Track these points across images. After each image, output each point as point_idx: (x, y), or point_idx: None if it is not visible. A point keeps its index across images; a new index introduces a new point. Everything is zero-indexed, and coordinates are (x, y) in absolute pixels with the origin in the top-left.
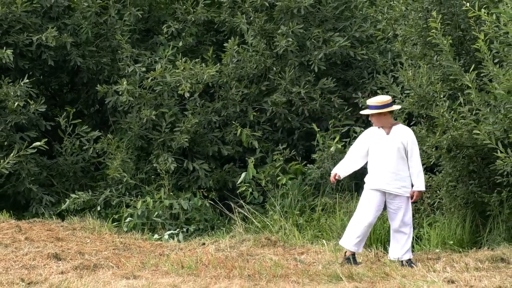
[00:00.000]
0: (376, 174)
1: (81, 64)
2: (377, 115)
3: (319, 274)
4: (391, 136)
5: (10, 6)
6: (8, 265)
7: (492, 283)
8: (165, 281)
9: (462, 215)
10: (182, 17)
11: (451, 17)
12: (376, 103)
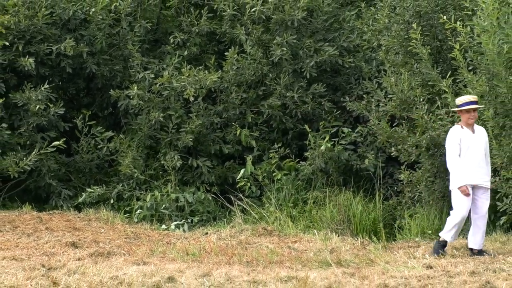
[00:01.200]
0: (468, 170)
1: (96, 71)
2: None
3: (311, 261)
4: (477, 135)
5: (32, 18)
6: (30, 252)
7: (467, 268)
8: (171, 266)
9: (440, 207)
10: (187, 28)
11: (430, 29)
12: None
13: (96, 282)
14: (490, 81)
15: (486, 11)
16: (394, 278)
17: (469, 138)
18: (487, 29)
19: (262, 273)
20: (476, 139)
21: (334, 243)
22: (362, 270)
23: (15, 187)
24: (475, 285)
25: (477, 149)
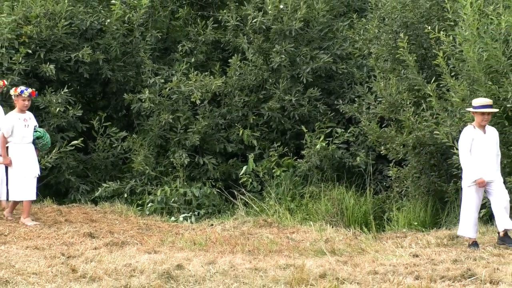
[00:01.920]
0: (480, 168)
1: (111, 76)
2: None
3: (307, 250)
4: (488, 135)
5: (53, 29)
6: (51, 242)
7: (450, 256)
8: (180, 255)
9: (425, 201)
10: (194, 38)
11: (416, 38)
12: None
13: (111, 269)
14: (470, 86)
15: (467, 22)
16: (383, 266)
17: (480, 138)
18: (468, 38)
19: (263, 261)
20: (487, 139)
21: (329, 233)
22: (354, 259)
23: (37, 182)
24: (457, 272)
25: (488, 148)
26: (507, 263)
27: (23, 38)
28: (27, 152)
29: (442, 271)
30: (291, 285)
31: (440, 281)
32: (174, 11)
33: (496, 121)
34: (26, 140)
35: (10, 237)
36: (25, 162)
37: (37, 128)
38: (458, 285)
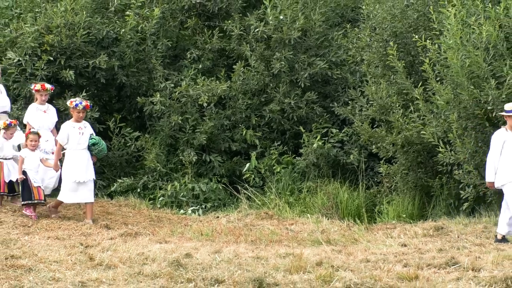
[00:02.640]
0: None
1: (125, 81)
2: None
3: (305, 240)
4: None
5: (72, 38)
6: (70, 233)
7: (435, 246)
8: (188, 245)
9: (412, 195)
10: (201, 46)
11: (404, 46)
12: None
13: (126, 258)
14: (454, 90)
15: (451, 32)
16: (374, 254)
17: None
18: (452, 46)
19: (264, 250)
20: None
21: (324, 225)
22: (347, 248)
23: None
24: (442, 260)
25: None
26: (488, 252)
27: (45, 47)
28: (81, 158)
29: (428, 259)
30: (290, 272)
31: (426, 268)
32: (183, 21)
33: (478, 122)
34: (80, 146)
35: (33, 228)
36: (77, 167)
37: (93, 136)
38: (443, 272)
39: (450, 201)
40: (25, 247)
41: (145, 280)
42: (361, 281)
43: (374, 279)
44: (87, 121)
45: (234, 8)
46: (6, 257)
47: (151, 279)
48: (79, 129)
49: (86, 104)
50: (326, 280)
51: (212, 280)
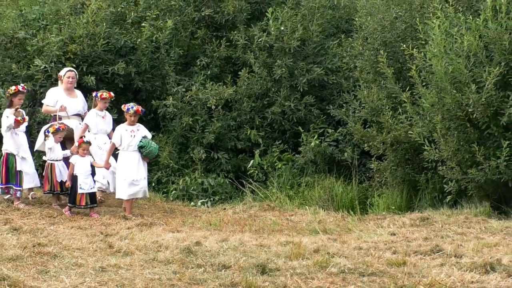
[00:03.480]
0: None
1: (141, 86)
2: None
3: (303, 229)
4: None
5: (93, 47)
6: (91, 223)
7: (421, 235)
8: (198, 234)
9: (401, 189)
10: (210, 54)
11: (393, 54)
12: None
13: (141, 246)
14: (438, 94)
15: (435, 41)
16: (366, 242)
17: None
18: (436, 54)
19: (267, 239)
20: None
21: (321, 216)
22: (342, 236)
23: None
24: (428, 247)
25: None
26: (469, 240)
27: (69, 55)
28: (132, 158)
29: (415, 247)
30: (290, 259)
31: (413, 255)
32: (193, 32)
33: (460, 123)
34: (131, 148)
35: (58, 219)
36: (129, 166)
37: (143, 139)
38: (428, 258)
39: (434, 194)
40: (50, 235)
41: (159, 266)
42: (354, 266)
43: (366, 265)
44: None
45: (239, 20)
46: (33, 244)
47: (165, 265)
48: (131, 132)
49: (137, 109)
50: (322, 266)
51: (219, 266)
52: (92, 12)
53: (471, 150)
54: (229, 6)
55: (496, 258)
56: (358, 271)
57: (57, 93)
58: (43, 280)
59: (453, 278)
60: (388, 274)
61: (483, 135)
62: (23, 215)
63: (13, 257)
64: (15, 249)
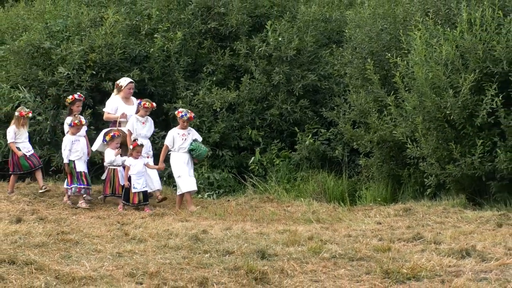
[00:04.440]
0: None
1: (154, 91)
2: None
3: (299, 219)
4: None
5: (111, 55)
6: (109, 213)
7: (404, 224)
8: (205, 223)
9: (386, 183)
10: (215, 62)
11: (379, 62)
12: None
13: (154, 233)
14: (420, 97)
15: (417, 51)
16: (355, 230)
17: None
18: (417, 62)
19: (266, 227)
20: None
21: (315, 207)
22: (333, 225)
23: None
24: (410, 235)
25: None
26: (447, 229)
27: (89, 63)
28: (183, 158)
29: (399, 234)
30: (287, 245)
31: (397, 242)
32: (200, 42)
33: (438, 124)
34: (182, 150)
35: (79, 210)
36: (180, 164)
37: (193, 143)
38: (411, 245)
39: (416, 187)
40: (73, 224)
41: (170, 252)
42: (344, 252)
43: (355, 251)
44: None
45: (241, 32)
46: (57, 232)
47: (175, 251)
48: (183, 135)
49: (190, 116)
50: (316, 252)
51: (224, 252)
52: (110, 25)
53: (448, 148)
54: (232, 20)
55: (471, 244)
56: (348, 256)
57: (116, 101)
58: (66, 264)
59: (433, 262)
60: (374, 259)
61: (459, 135)
62: (48, 206)
63: (39, 243)
64: (41, 237)
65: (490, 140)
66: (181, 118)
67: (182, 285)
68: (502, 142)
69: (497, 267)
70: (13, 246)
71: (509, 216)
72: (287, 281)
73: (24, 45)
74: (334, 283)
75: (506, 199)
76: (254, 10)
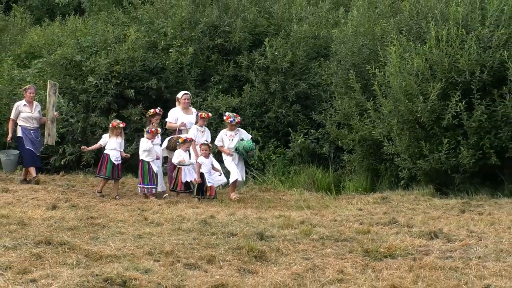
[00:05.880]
0: None
1: (169, 97)
2: None
3: (292, 206)
4: None
5: (133, 67)
6: (131, 201)
7: (381, 210)
8: (212, 209)
9: (366, 175)
10: (221, 73)
11: (360, 73)
12: None
13: (169, 218)
14: (395, 103)
15: (392, 63)
16: (340, 216)
17: None
18: (393, 73)
19: (265, 213)
20: None
21: (305, 196)
22: (321, 211)
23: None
24: (386, 220)
25: None
26: (418, 214)
27: (114, 73)
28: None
29: (377, 219)
30: (282, 228)
31: (375, 225)
32: (208, 56)
33: (410, 125)
34: (230, 149)
35: (106, 198)
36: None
37: (238, 142)
38: (387, 228)
39: (391, 179)
40: (100, 211)
41: (183, 234)
42: (330, 234)
43: (340, 233)
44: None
45: (243, 47)
46: (87, 217)
47: (187, 233)
48: (230, 136)
49: (238, 120)
50: (307, 234)
51: (228, 234)
52: (132, 41)
53: (419, 146)
54: (236, 37)
55: (439, 228)
56: (333, 238)
57: (176, 112)
58: (94, 245)
59: (406, 243)
60: (356, 240)
61: (428, 134)
62: (79, 195)
63: (71, 227)
64: (73, 221)
65: (455, 139)
66: (230, 123)
67: (193, 262)
68: (464, 141)
69: (460, 247)
70: (49, 229)
71: (471, 204)
72: (282, 258)
73: (59, 58)
74: (322, 260)
75: (468, 189)
76: (254, 28)
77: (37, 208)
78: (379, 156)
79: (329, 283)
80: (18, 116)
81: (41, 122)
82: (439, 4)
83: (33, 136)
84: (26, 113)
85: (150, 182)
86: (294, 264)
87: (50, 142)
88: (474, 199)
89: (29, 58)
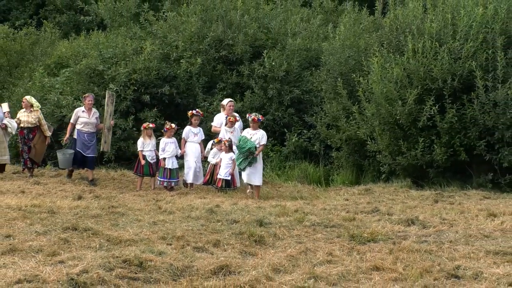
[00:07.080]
0: None
1: (180, 102)
2: None
3: (287, 196)
4: None
5: (148, 76)
6: (147, 193)
7: (366, 200)
8: (218, 199)
9: (352, 170)
10: (225, 80)
11: (347, 81)
12: None
13: (180, 207)
14: (377, 107)
15: (375, 72)
16: (329, 205)
17: None
18: (375, 81)
19: (263, 203)
20: None
21: (299, 188)
22: (313, 201)
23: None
24: (369, 209)
25: None
26: (397, 204)
27: (132, 81)
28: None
29: (361, 208)
30: (278, 216)
31: (360, 213)
32: (214, 66)
33: (390, 126)
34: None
35: (125, 190)
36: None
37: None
38: (370, 216)
39: (374, 173)
40: (120, 201)
41: (192, 221)
42: (321, 221)
43: (329, 220)
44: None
45: (245, 58)
46: (108, 206)
47: (195, 220)
48: (250, 134)
49: (254, 118)
50: (300, 221)
51: (231, 221)
52: (147, 53)
53: (398, 144)
54: (238, 49)
55: (415, 215)
56: (323, 224)
57: (221, 117)
58: (115, 231)
59: (387, 229)
60: (343, 226)
61: (406, 134)
62: (102, 188)
63: (95, 215)
64: (96, 210)
65: (429, 138)
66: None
67: (201, 246)
68: (438, 140)
69: (434, 232)
70: (75, 217)
71: (443, 195)
72: (278, 242)
73: (84, 68)
74: (313, 244)
75: (441, 182)
76: (254, 42)
77: (65, 199)
78: (363, 153)
79: (319, 264)
80: (76, 121)
81: (98, 128)
82: (415, 21)
83: (86, 139)
84: (83, 118)
85: (163, 176)
86: (289, 247)
87: (106, 149)
88: (446, 191)
89: (58, 68)
